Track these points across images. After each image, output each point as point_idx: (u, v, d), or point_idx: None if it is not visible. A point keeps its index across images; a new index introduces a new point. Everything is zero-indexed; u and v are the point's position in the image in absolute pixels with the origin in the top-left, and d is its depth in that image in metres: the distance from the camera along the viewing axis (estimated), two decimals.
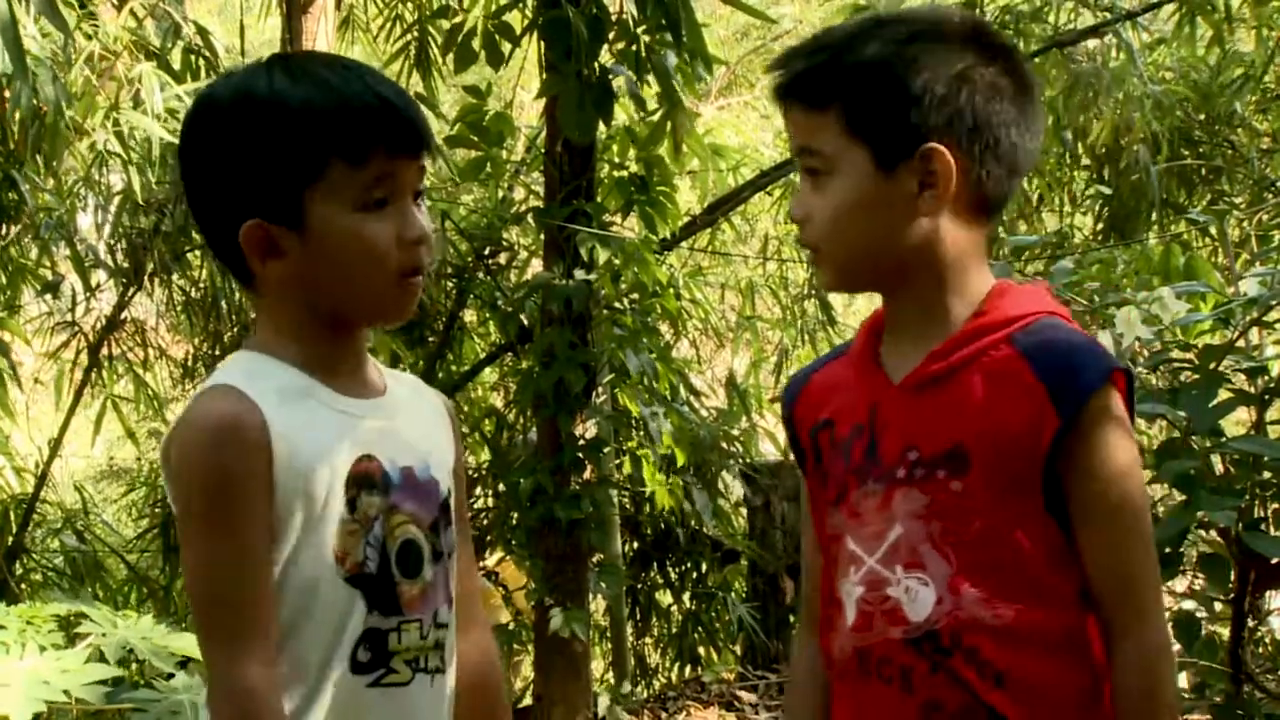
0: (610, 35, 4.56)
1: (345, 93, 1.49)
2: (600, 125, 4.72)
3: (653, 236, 5.21)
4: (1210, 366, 2.90)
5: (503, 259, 6.09)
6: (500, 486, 5.91)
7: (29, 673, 2.60)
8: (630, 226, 5.45)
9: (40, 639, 2.76)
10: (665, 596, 6.37)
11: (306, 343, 1.53)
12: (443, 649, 1.56)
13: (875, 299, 1.63)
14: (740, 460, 6.02)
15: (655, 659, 6.53)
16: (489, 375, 6.57)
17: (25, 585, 5.79)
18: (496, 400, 6.62)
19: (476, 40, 4.80)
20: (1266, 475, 2.86)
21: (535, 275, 5.34)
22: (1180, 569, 2.94)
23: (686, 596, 6.28)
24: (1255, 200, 6.81)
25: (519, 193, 5.93)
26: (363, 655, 1.49)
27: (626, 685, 5.76)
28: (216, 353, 5.96)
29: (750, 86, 11.76)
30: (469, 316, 6.38)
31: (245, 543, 1.44)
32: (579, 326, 4.94)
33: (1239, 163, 7.35)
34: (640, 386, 5.18)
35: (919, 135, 1.50)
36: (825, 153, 1.53)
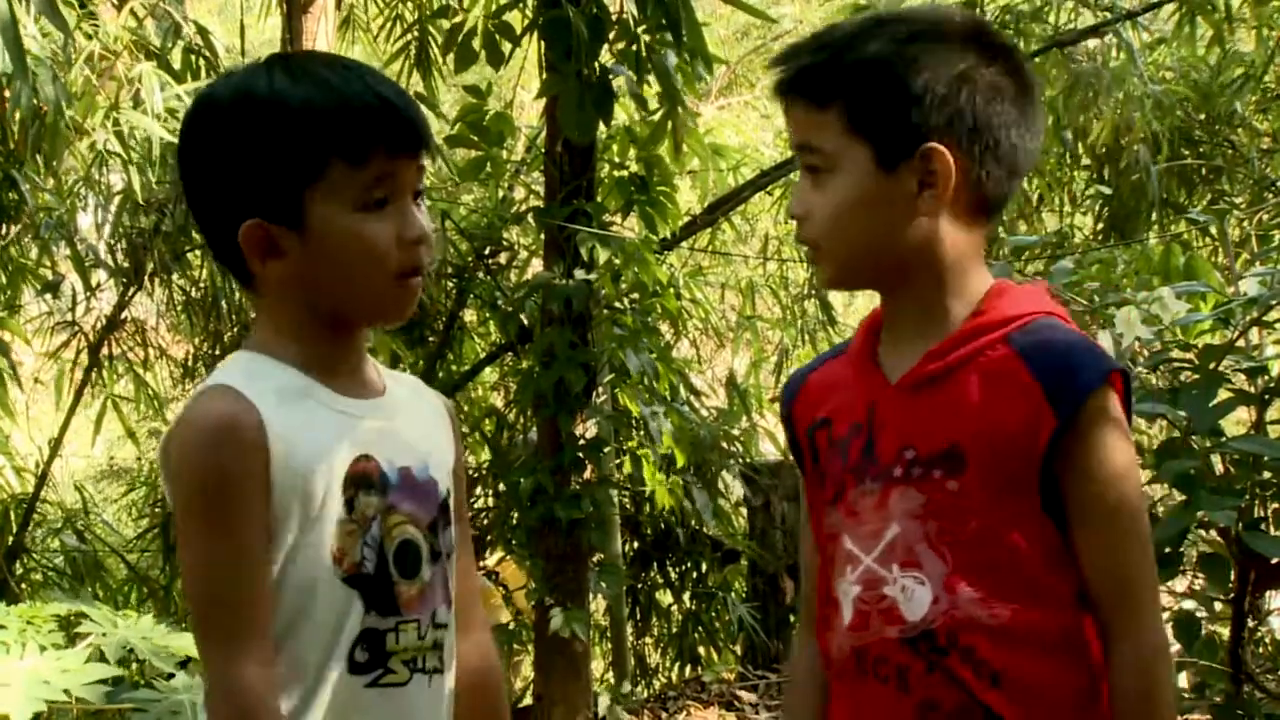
0: (610, 35, 4.56)
1: (345, 92, 1.49)
2: (600, 125, 4.72)
3: (653, 236, 5.21)
4: (1210, 366, 2.90)
5: (503, 259, 6.09)
6: (500, 486, 5.91)
7: (29, 672, 2.60)
8: (630, 226, 5.45)
9: (40, 639, 2.76)
10: (665, 596, 6.37)
11: (306, 343, 1.53)
12: (441, 649, 1.56)
13: (876, 299, 1.63)
14: (740, 460, 6.02)
15: (655, 659, 6.52)
16: (489, 375, 6.56)
17: (25, 585, 5.79)
18: (496, 400, 6.62)
19: (477, 40, 4.80)
20: (1266, 475, 2.86)
21: (535, 275, 5.34)
22: (1180, 569, 2.94)
23: (687, 596, 6.27)
24: (1255, 200, 6.81)
25: (519, 192, 5.93)
26: (360, 655, 1.49)
27: (626, 685, 5.76)
28: (216, 353, 5.96)
29: (750, 86, 11.76)
30: (469, 316, 6.38)
31: (242, 543, 1.44)
32: (579, 326, 4.94)
33: (1239, 163, 7.35)
34: (640, 386, 5.18)
35: (920, 135, 1.50)
36: (826, 150, 1.53)
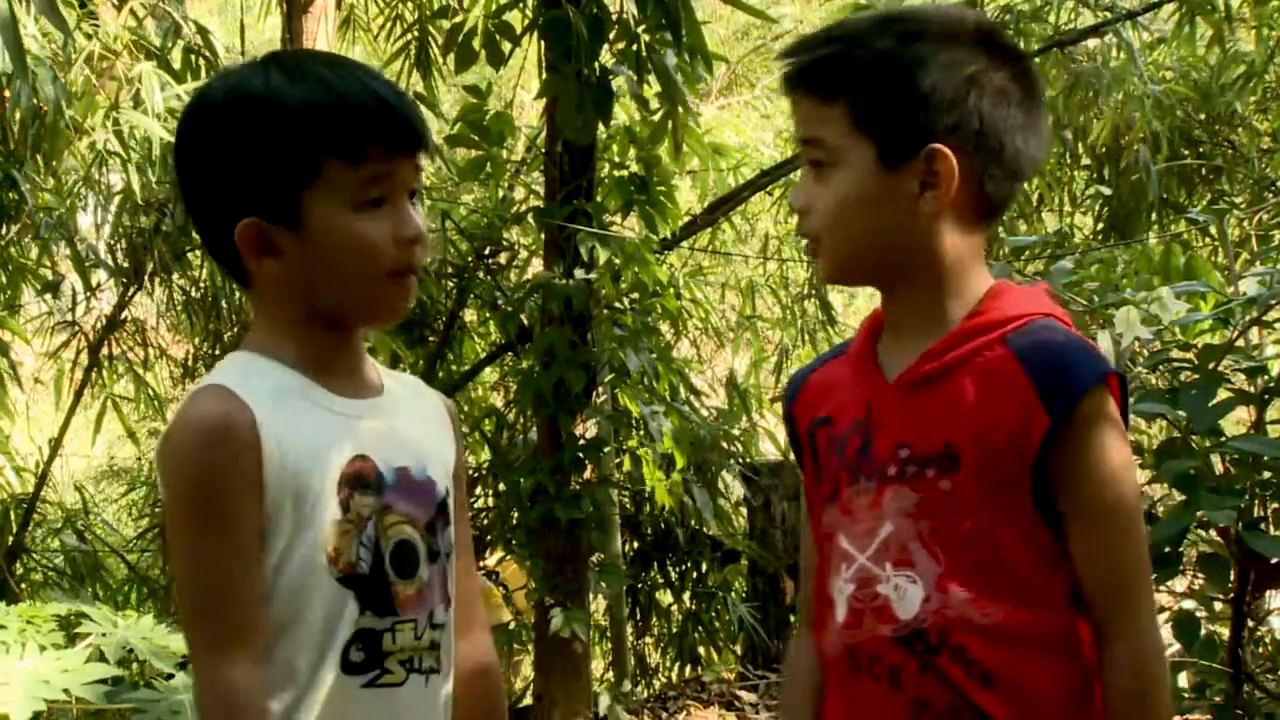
0: (610, 35, 4.56)
1: (342, 91, 1.49)
2: (600, 125, 4.72)
3: (653, 236, 5.21)
4: (1210, 366, 2.90)
5: (503, 259, 6.09)
6: (500, 486, 5.91)
7: (29, 672, 2.60)
8: (630, 226, 5.46)
9: (40, 639, 2.75)
10: (665, 596, 6.37)
11: (303, 342, 1.53)
12: (438, 649, 1.55)
13: (876, 299, 1.63)
14: (740, 460, 6.03)
15: (655, 659, 6.52)
16: (489, 375, 6.57)
17: (25, 585, 5.80)
18: (496, 400, 6.62)
19: (477, 40, 4.80)
20: (1266, 475, 2.86)
21: (535, 275, 5.34)
22: (1180, 569, 2.94)
23: (687, 596, 6.27)
24: (1255, 200, 6.81)
25: (519, 192, 5.94)
26: (355, 656, 1.48)
27: (626, 685, 5.76)
28: (216, 352, 5.96)
29: (750, 86, 11.76)
30: (469, 316, 6.38)
31: (234, 543, 1.43)
32: (579, 326, 4.94)
33: (1239, 162, 7.35)
34: (640, 386, 5.18)
35: (925, 135, 1.50)
36: (830, 145, 1.53)
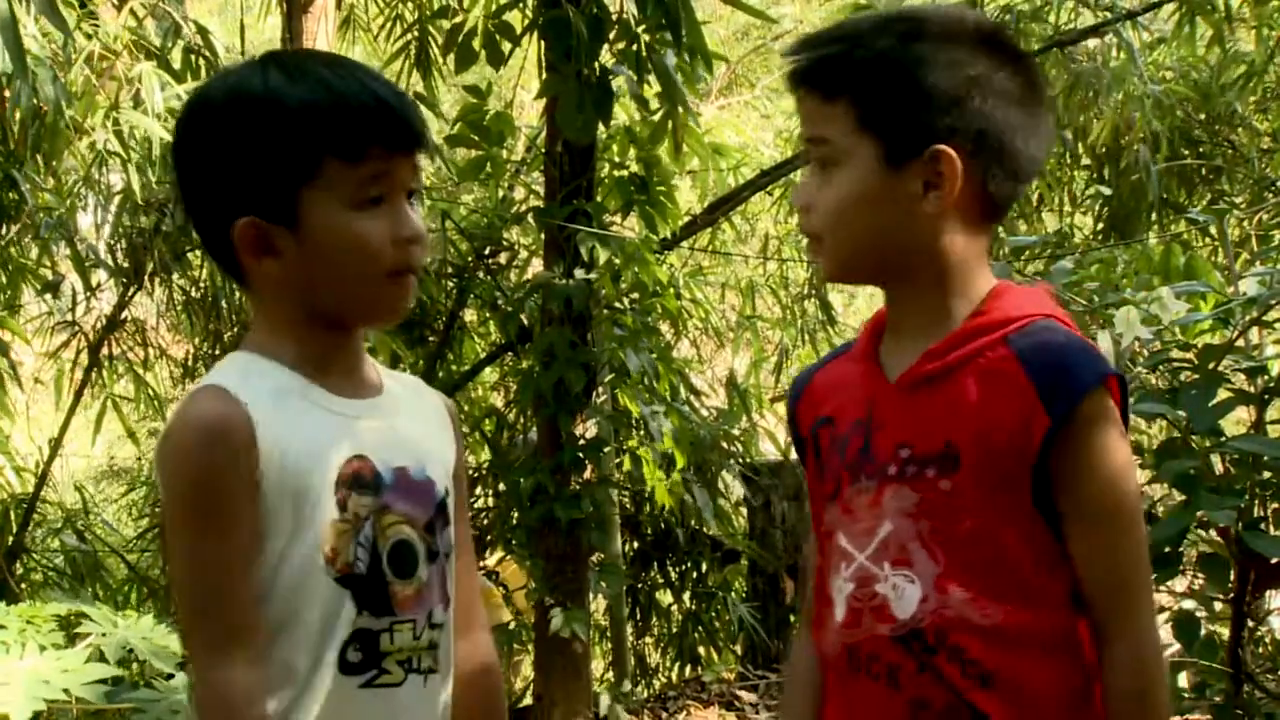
0: (610, 35, 4.56)
1: (341, 90, 1.49)
2: (600, 125, 4.72)
3: (653, 236, 5.21)
4: (1210, 366, 2.90)
5: (503, 259, 6.09)
6: (500, 486, 5.91)
7: (29, 672, 2.60)
8: (630, 226, 5.45)
9: (40, 639, 2.76)
10: (665, 596, 6.37)
11: (302, 342, 1.53)
12: (437, 649, 1.55)
13: (876, 299, 1.63)
14: (740, 460, 6.02)
15: (655, 659, 6.52)
16: (489, 375, 6.57)
17: (25, 585, 5.80)
18: (496, 400, 6.62)
19: (477, 40, 4.80)
20: (1266, 475, 2.86)
21: (535, 275, 5.34)
22: (1180, 569, 2.94)
23: (687, 596, 6.27)
24: (1255, 200, 6.81)
25: (519, 192, 5.94)
26: (353, 656, 1.48)
27: (626, 685, 5.76)
28: (216, 352, 5.96)
29: (750, 86, 11.76)
30: (469, 316, 6.38)
31: (231, 544, 1.43)
32: (579, 326, 4.94)
33: (1239, 162, 7.35)
34: (640, 386, 5.18)
35: (929, 135, 1.50)
36: (834, 143, 1.53)
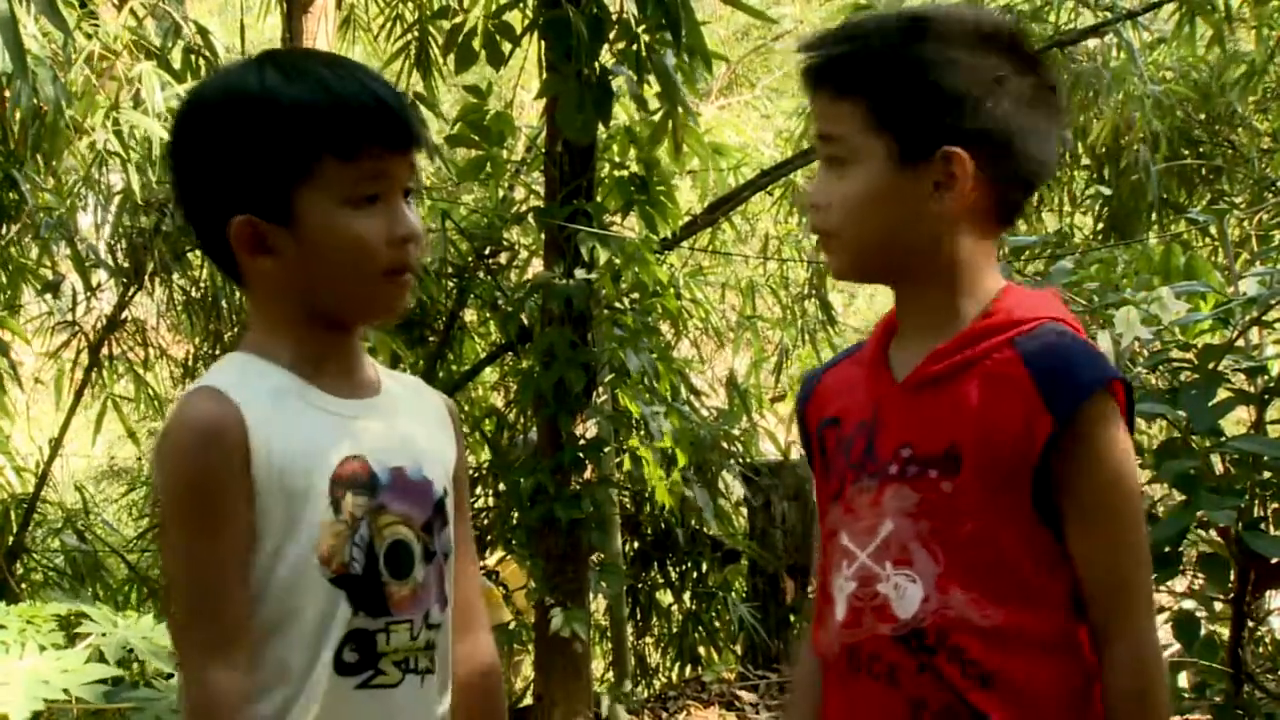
0: (610, 35, 4.56)
1: (337, 88, 1.49)
2: (600, 125, 4.72)
3: (653, 236, 5.21)
4: (1210, 366, 2.90)
5: (503, 259, 6.09)
6: (500, 486, 5.91)
7: (29, 672, 2.60)
8: (630, 226, 5.46)
9: (40, 639, 2.76)
10: (665, 596, 6.37)
11: (300, 342, 1.53)
12: (434, 650, 1.54)
13: (876, 299, 1.63)
14: (740, 460, 6.02)
15: (655, 659, 6.52)
16: (489, 375, 6.57)
17: (25, 585, 5.80)
18: (497, 400, 6.62)
19: (477, 40, 4.80)
20: (1266, 475, 2.86)
21: (535, 275, 5.34)
22: (1180, 569, 2.94)
23: (687, 596, 6.27)
24: (1255, 200, 6.81)
25: (519, 192, 5.94)
26: (349, 656, 1.48)
27: (627, 685, 5.76)
28: (216, 352, 5.96)
29: (750, 86, 11.77)
30: (469, 316, 6.38)
31: (224, 546, 1.43)
32: (579, 326, 4.94)
33: (1239, 162, 7.35)
34: (640, 386, 5.18)
35: (941, 136, 1.49)
36: (846, 141, 1.53)
